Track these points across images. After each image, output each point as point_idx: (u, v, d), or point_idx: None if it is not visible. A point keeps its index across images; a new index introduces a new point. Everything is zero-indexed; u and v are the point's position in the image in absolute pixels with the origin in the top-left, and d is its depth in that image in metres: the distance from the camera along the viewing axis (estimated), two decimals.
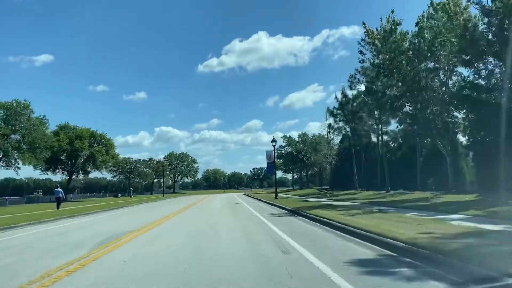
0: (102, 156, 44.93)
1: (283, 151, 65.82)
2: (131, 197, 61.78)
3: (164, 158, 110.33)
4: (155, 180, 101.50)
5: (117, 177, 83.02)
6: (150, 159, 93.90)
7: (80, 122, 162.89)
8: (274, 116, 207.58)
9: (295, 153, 58.89)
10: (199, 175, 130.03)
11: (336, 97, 41.82)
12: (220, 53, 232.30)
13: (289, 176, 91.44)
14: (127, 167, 78.93)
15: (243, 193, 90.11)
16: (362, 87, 38.84)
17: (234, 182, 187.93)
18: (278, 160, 74.38)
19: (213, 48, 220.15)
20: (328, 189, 50.49)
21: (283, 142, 65.28)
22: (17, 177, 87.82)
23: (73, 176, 51.42)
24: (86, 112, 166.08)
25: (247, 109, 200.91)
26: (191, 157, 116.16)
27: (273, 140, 32.72)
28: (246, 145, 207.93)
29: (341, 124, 42.70)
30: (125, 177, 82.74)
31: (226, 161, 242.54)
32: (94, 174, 62.84)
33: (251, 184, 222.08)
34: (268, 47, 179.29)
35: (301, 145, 62.60)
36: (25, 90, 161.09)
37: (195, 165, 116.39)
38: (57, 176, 52.98)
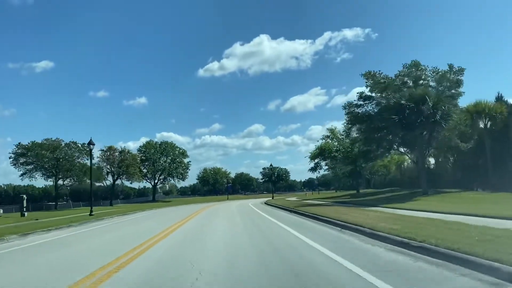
0: None
1: (363, 108, 30.83)
2: (23, 215, 28.43)
3: (138, 150, 76.92)
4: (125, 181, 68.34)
5: (30, 174, 48.61)
6: (109, 148, 60.42)
7: (80, 128, 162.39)
8: (276, 120, 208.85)
9: (405, 105, 23.99)
10: (193, 175, 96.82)
11: None
12: (221, 57, 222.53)
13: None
14: (51, 156, 45.06)
15: (262, 199, 56.76)
16: None
17: (240, 186, 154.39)
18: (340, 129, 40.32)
19: (214, 52, 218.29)
20: None
21: (366, 85, 30.37)
22: None
23: None
24: (87, 118, 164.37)
25: (249, 114, 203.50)
26: (179, 149, 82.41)
27: None
28: (247, 149, 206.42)
29: None
30: (47, 173, 48.72)
31: (227, 166, 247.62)
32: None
33: (261, 188, 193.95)
34: (269, 50, 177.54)
35: (411, 89, 27.55)
36: (25, 97, 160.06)
37: (185, 160, 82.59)
38: None
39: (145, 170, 75.64)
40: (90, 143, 26.25)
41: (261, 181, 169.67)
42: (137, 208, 40.68)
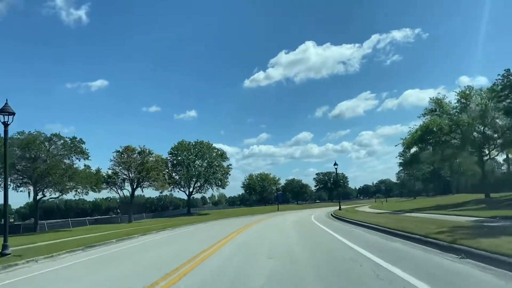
0: None
1: None
2: None
3: (169, 153, 64.99)
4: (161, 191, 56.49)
5: None
6: (126, 148, 48.39)
7: (134, 142, 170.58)
8: (324, 127, 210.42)
9: None
10: (237, 184, 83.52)
11: None
12: (266, 66, 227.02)
13: None
14: (23, 156, 31.47)
15: (323, 210, 41.94)
16: None
17: (291, 194, 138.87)
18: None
19: (259, 62, 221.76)
20: None
21: None
22: None
23: None
24: (140, 132, 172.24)
25: (296, 122, 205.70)
26: (218, 150, 68.98)
27: None
28: (296, 158, 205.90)
29: None
30: (20, 180, 36.09)
31: (276, 175, 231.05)
32: None
33: (314, 196, 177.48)
34: (315, 56, 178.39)
35: None
36: (82, 115, 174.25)
37: (225, 163, 68.88)
38: None
39: (177, 177, 63.35)
40: (4, 110, 13.32)
41: (314, 188, 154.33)
42: (145, 230, 27.65)
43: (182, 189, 66.14)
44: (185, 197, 76.40)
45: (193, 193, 68.77)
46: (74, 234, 25.10)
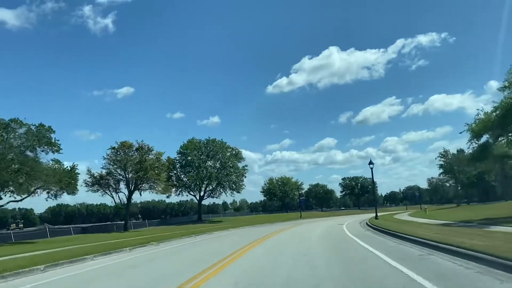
0: None
1: None
2: None
3: (178, 153, 58.61)
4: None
5: None
6: (122, 144, 42.11)
7: (158, 148, 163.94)
8: (348, 133, 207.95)
9: None
10: (257, 189, 76.30)
11: None
12: (289, 72, 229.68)
13: None
14: None
15: (352, 218, 34.52)
16: None
17: (315, 200, 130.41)
18: None
19: (282, 68, 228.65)
20: None
21: None
22: None
23: None
24: (164, 138, 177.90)
25: (319, 128, 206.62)
26: (233, 148, 61.88)
27: None
28: (319, 164, 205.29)
29: None
30: None
31: (298, 179, 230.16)
32: None
33: (338, 203, 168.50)
34: (339, 62, 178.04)
35: None
36: (108, 121, 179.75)
37: (240, 164, 61.71)
38: None
39: (185, 179, 56.82)
40: None
41: (340, 194, 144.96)
42: (118, 245, 21.24)
43: (191, 193, 59.68)
44: (207, 203, 70.81)
45: (204, 197, 62.08)
46: (22, 250, 18.68)
